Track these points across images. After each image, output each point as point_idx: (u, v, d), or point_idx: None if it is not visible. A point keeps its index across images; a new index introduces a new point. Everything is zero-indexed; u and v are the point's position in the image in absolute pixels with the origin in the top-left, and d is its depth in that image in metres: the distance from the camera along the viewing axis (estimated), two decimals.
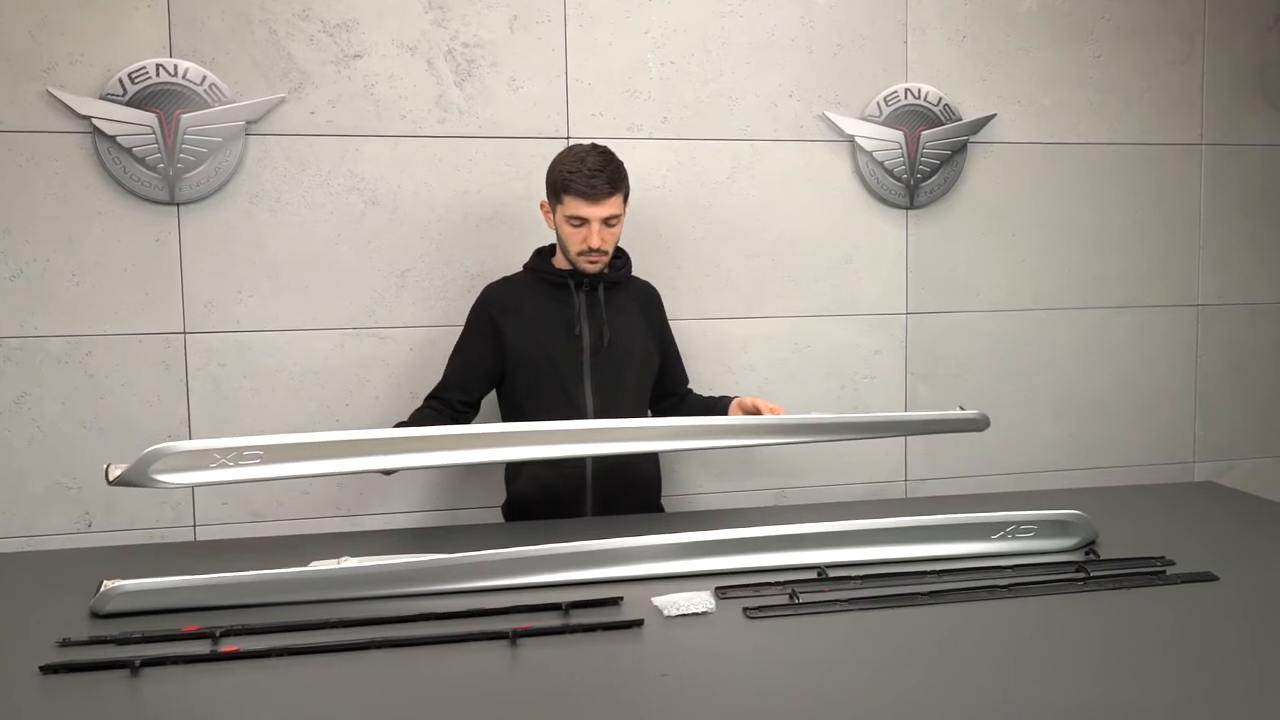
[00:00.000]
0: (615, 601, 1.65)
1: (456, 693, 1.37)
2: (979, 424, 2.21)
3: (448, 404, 2.32)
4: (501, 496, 2.41)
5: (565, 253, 2.26)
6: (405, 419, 2.27)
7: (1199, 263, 3.12)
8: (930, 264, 2.93)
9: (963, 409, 2.18)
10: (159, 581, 1.62)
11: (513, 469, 2.37)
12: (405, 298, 2.62)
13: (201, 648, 1.48)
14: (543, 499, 2.27)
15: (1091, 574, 1.75)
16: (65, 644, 1.49)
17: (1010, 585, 1.71)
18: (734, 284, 2.81)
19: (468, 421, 2.35)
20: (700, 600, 1.63)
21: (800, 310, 2.86)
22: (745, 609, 1.62)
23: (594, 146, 2.22)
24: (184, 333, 2.51)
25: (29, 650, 1.46)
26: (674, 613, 1.60)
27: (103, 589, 1.60)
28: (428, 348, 2.62)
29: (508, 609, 1.61)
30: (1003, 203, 2.97)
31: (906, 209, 2.89)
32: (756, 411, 2.15)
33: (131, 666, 1.40)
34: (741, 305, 2.83)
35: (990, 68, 2.92)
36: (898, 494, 2.97)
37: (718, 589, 1.70)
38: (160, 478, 1.68)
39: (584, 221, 2.18)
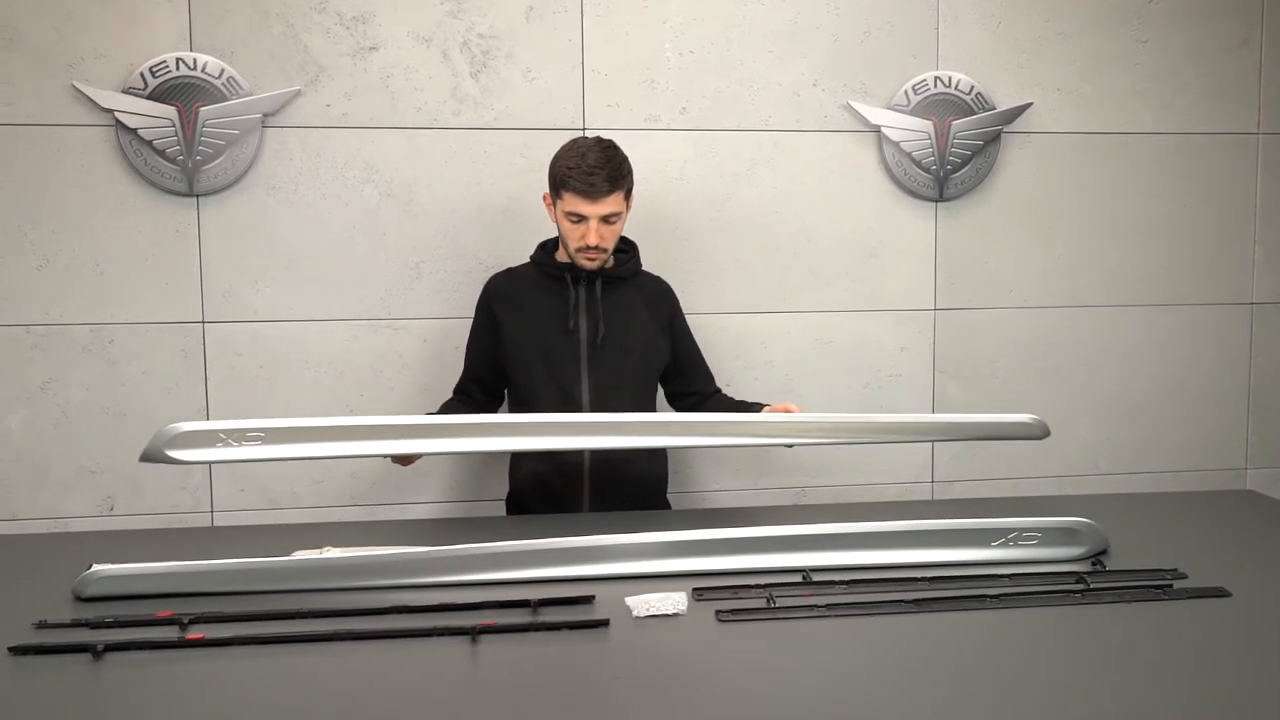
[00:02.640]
0: (588, 600, 1.62)
1: (409, 688, 1.35)
2: (1036, 430, 2.01)
3: (467, 397, 2.36)
4: (506, 489, 2.40)
5: (565, 248, 2.24)
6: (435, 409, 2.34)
7: (1254, 258, 2.96)
8: (960, 258, 2.83)
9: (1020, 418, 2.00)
10: (138, 567, 1.64)
11: (515, 461, 2.36)
12: (419, 289, 2.63)
13: (169, 633, 1.50)
14: (540, 493, 2.26)
15: (1091, 586, 1.66)
16: (41, 626, 1.52)
17: (1000, 595, 1.63)
18: (753, 278, 2.76)
19: (491, 412, 2.37)
20: (672, 601, 1.59)
21: (822, 305, 2.79)
22: (718, 611, 1.58)
23: (597, 141, 2.19)
24: (202, 322, 2.55)
25: (6, 630, 1.50)
26: (643, 613, 1.57)
27: (83, 573, 1.63)
28: (441, 339, 2.63)
29: (478, 604, 1.59)
30: (1039, 195, 2.85)
31: (935, 201, 2.80)
32: None
33: (94, 650, 1.42)
34: (761, 300, 2.77)
35: (1027, 54, 2.80)
36: (924, 495, 2.88)
37: (695, 590, 1.66)
38: (173, 454, 1.71)
39: (583, 218, 2.16)
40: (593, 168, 2.12)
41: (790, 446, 2.03)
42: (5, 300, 2.47)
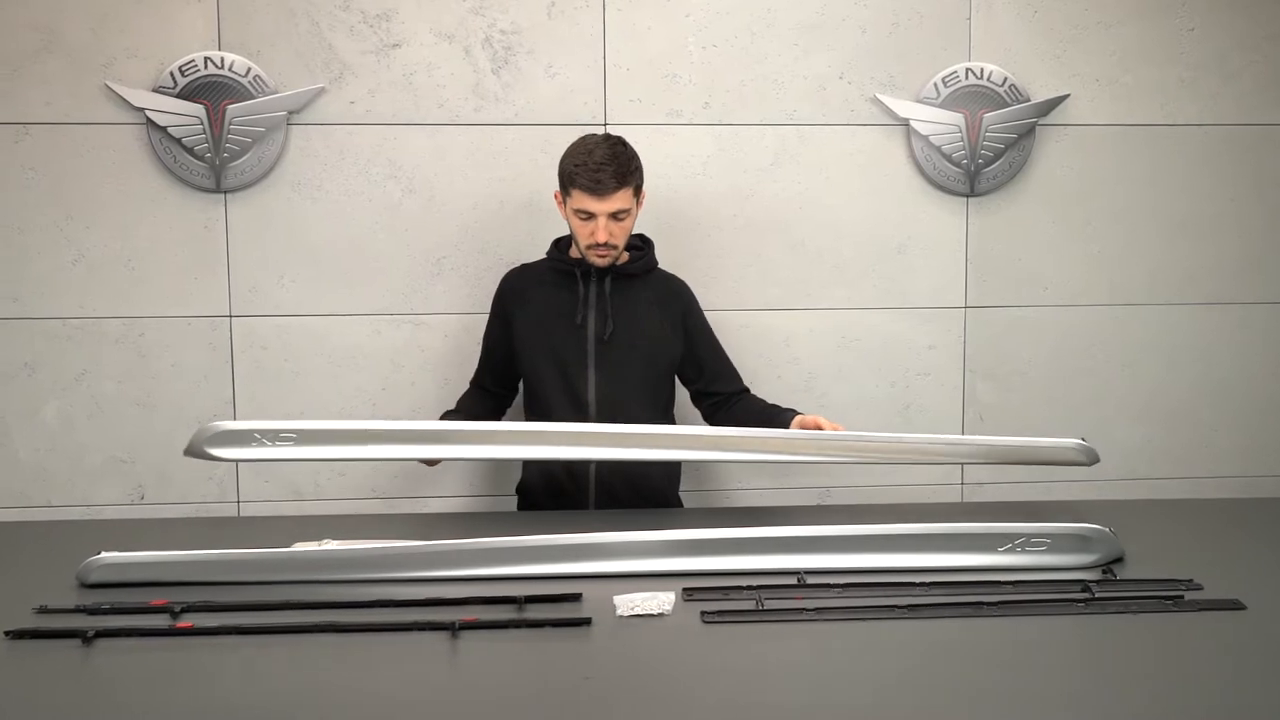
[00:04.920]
0: (575, 598, 1.61)
1: (384, 681, 1.36)
2: (1082, 456, 1.96)
3: (482, 389, 2.41)
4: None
5: (576, 245, 2.24)
6: (454, 404, 2.41)
7: None
8: (993, 254, 2.75)
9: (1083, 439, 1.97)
10: (138, 555, 1.68)
11: None
12: (440, 285, 2.64)
13: (160, 621, 1.53)
14: (547, 488, 2.27)
15: (1096, 595, 1.60)
16: (41, 611, 1.56)
17: (999, 603, 1.58)
18: (777, 275, 2.72)
19: (509, 404, 2.44)
20: (658, 601, 1.58)
21: (848, 302, 2.74)
22: (703, 612, 1.56)
23: (605, 138, 2.18)
24: (229, 316, 2.60)
25: (10, 613, 1.54)
26: (627, 612, 1.55)
27: (86, 560, 1.67)
28: (462, 334, 2.64)
29: (466, 600, 1.59)
30: (1076, 189, 2.75)
31: (966, 196, 2.72)
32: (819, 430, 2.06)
33: (84, 637, 1.45)
34: (785, 297, 2.72)
35: (1065, 44, 2.71)
36: (953, 498, 2.81)
37: (685, 590, 1.64)
38: (213, 450, 1.81)
39: (591, 216, 2.15)
40: (599, 164, 2.11)
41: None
42: (42, 294, 2.55)
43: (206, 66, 2.52)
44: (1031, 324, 2.79)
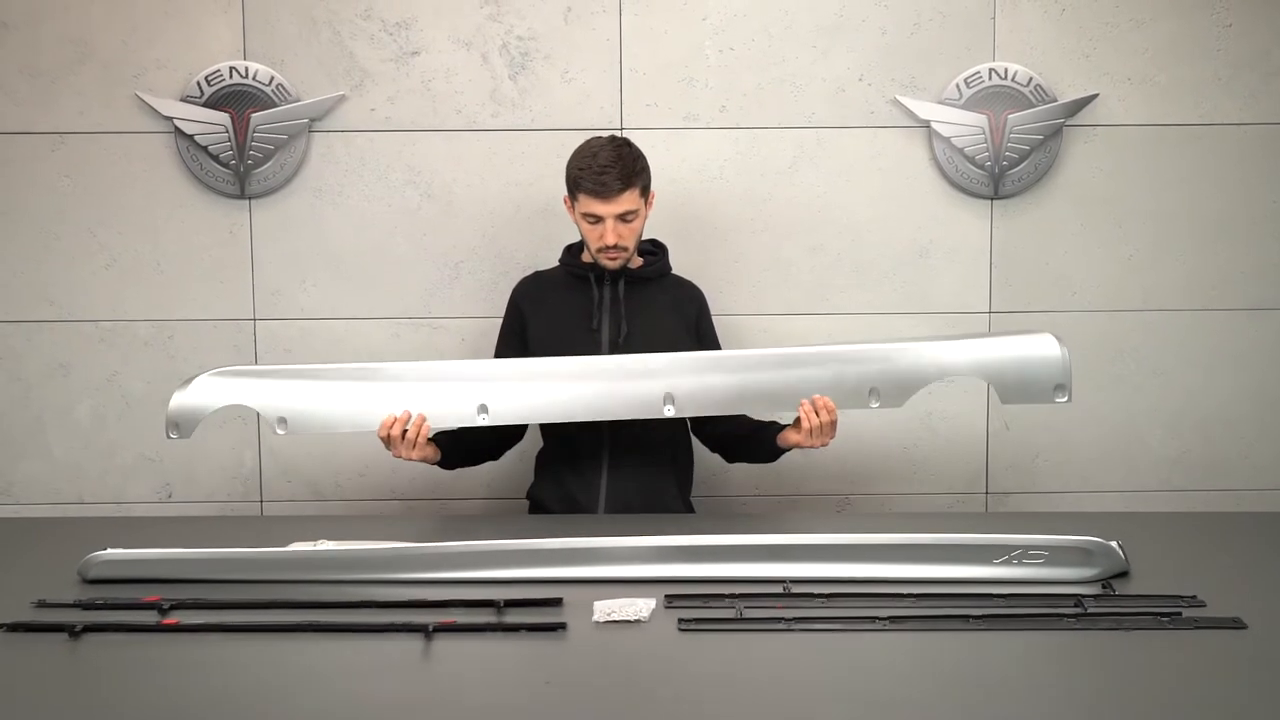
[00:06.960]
0: (555, 603, 1.61)
1: (354, 682, 1.37)
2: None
3: None
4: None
5: (587, 249, 2.25)
6: None
7: None
8: (1018, 258, 2.69)
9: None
10: (135, 553, 1.73)
11: (539, 461, 2.37)
12: (458, 289, 2.67)
13: (148, 618, 1.56)
14: (558, 493, 2.26)
15: (1088, 610, 1.55)
16: (40, 605, 1.62)
17: (984, 616, 1.54)
18: (796, 279, 2.69)
19: (514, 431, 2.36)
20: (636, 608, 1.57)
21: (868, 307, 2.70)
22: (680, 620, 1.55)
23: (610, 140, 2.18)
24: (254, 319, 2.66)
25: (9, 607, 1.59)
26: (603, 618, 1.55)
27: (86, 556, 1.72)
28: (480, 338, 2.66)
29: (447, 602, 1.60)
30: (1106, 192, 2.68)
31: (990, 199, 2.66)
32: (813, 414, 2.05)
33: (71, 631, 1.50)
34: (804, 301, 2.70)
35: (1095, 42, 2.64)
36: (977, 507, 2.75)
37: (667, 596, 1.63)
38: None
39: (599, 219, 2.15)
40: (604, 167, 2.11)
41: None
42: (76, 297, 2.64)
43: (231, 76, 2.58)
44: (1059, 329, 2.64)
